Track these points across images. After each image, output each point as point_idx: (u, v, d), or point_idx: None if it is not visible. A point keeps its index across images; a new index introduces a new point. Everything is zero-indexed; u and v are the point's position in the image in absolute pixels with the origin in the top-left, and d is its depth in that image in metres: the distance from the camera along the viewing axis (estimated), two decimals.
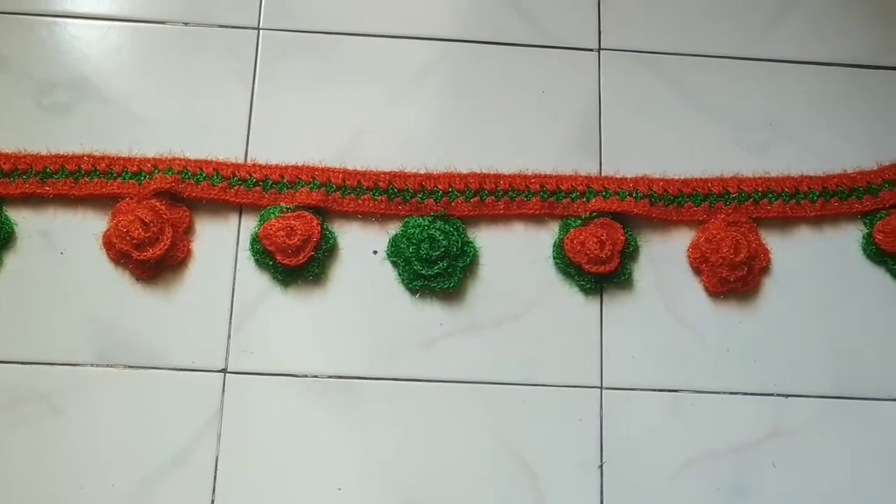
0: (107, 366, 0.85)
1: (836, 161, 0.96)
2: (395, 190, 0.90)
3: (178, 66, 0.94)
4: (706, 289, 0.91)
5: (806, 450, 0.88)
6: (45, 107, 0.92)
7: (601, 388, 0.88)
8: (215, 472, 0.84)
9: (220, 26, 0.95)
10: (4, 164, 0.88)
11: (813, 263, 0.93)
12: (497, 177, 0.92)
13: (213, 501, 0.83)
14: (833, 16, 1.01)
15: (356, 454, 0.85)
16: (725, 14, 1.00)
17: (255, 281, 0.89)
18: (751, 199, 0.93)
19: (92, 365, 0.85)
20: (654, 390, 0.89)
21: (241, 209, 0.90)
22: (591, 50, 0.98)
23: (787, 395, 0.89)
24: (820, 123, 0.98)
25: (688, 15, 1.00)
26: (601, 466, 0.86)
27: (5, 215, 0.88)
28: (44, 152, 0.90)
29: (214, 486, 0.83)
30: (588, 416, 0.88)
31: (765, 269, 0.92)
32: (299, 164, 0.91)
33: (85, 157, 0.89)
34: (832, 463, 0.88)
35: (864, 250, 0.94)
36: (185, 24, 0.95)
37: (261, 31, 0.96)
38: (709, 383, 0.89)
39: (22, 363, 0.85)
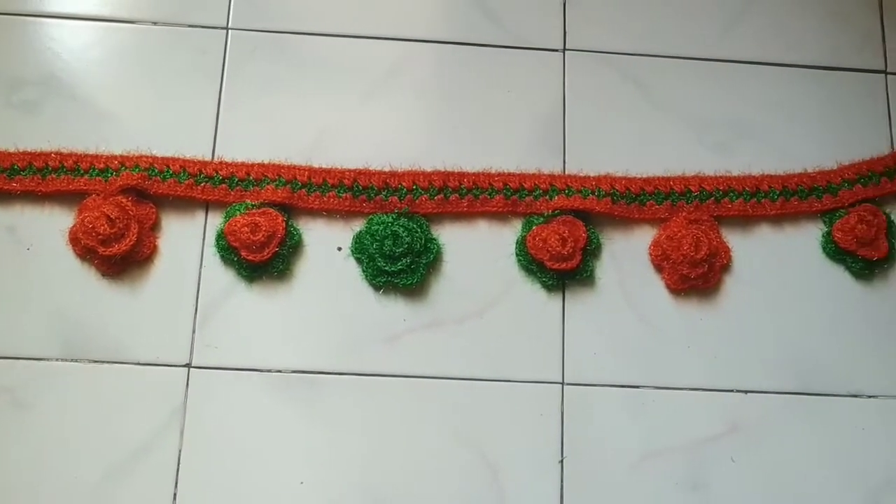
0: (72, 360, 0.86)
1: (796, 160, 0.97)
2: (360, 187, 0.92)
3: (146, 65, 0.95)
4: (667, 286, 0.93)
5: (764, 445, 0.89)
6: (14, 104, 0.93)
7: (563, 384, 0.89)
8: (178, 466, 0.84)
9: (190, 26, 0.97)
10: None
11: (773, 261, 0.95)
12: (461, 175, 0.93)
13: (175, 495, 0.84)
14: (792, 19, 1.03)
15: (319, 448, 0.86)
16: (688, 16, 1.02)
17: (221, 277, 0.90)
18: (712, 198, 0.94)
19: (57, 359, 0.86)
20: (615, 386, 0.90)
21: (207, 206, 0.91)
22: (557, 50, 0.99)
23: (746, 392, 0.90)
24: (781, 123, 0.99)
25: (651, 17, 1.02)
26: (562, 461, 0.87)
27: None
28: (12, 149, 0.91)
29: (177, 480, 0.84)
30: (549, 412, 0.89)
31: (725, 267, 0.94)
32: (265, 162, 0.92)
33: (52, 154, 0.90)
34: (790, 458, 0.89)
35: (824, 248, 0.95)
36: (155, 23, 0.96)
37: (230, 31, 0.97)
38: (669, 379, 0.90)
39: None
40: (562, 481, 0.87)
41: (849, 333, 0.93)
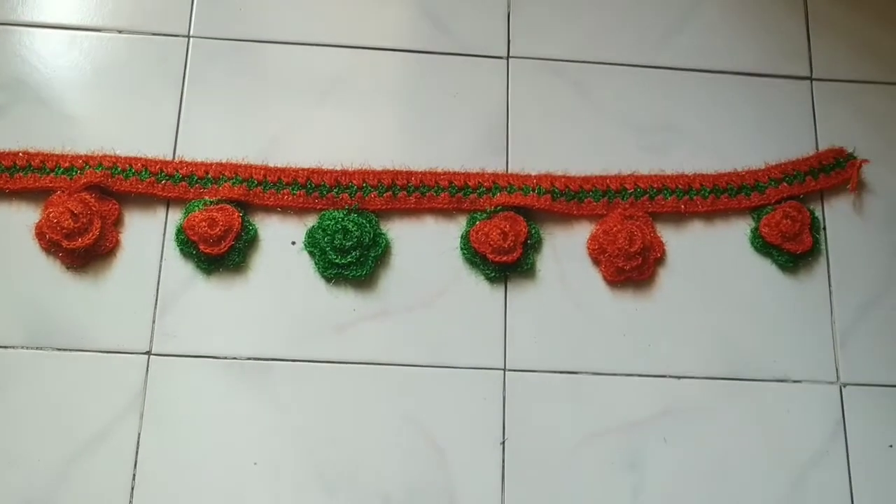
0: (36, 348, 0.90)
1: (727, 161, 1.03)
2: (313, 185, 0.96)
3: (111, 71, 1.00)
4: (604, 278, 0.98)
5: (695, 427, 0.94)
6: (8, 115, 0.97)
7: (504, 369, 0.94)
8: (137, 448, 0.88)
9: (153, 34, 1.01)
10: None
11: (704, 255, 1.00)
12: (409, 173, 0.98)
13: (134, 475, 0.88)
14: (724, 29, 1.08)
15: (272, 431, 0.90)
16: (627, 26, 1.07)
17: (180, 269, 0.94)
18: (647, 195, 1.00)
19: (22, 347, 0.90)
20: (554, 372, 0.94)
21: (168, 203, 0.96)
22: (501, 58, 1.05)
23: (678, 377, 0.95)
24: (713, 126, 1.04)
25: (592, 26, 1.07)
26: (503, 443, 0.92)
27: None
28: None
29: (136, 461, 0.88)
30: (492, 396, 0.93)
31: (659, 260, 0.99)
32: (223, 162, 0.97)
33: (20, 154, 0.95)
34: (719, 438, 0.94)
35: (752, 243, 1.00)
36: (119, 31, 1.01)
37: (191, 39, 1.02)
38: (605, 366, 0.95)
39: None
40: (503, 461, 0.91)
41: (775, 322, 0.98)
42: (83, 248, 0.92)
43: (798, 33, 1.09)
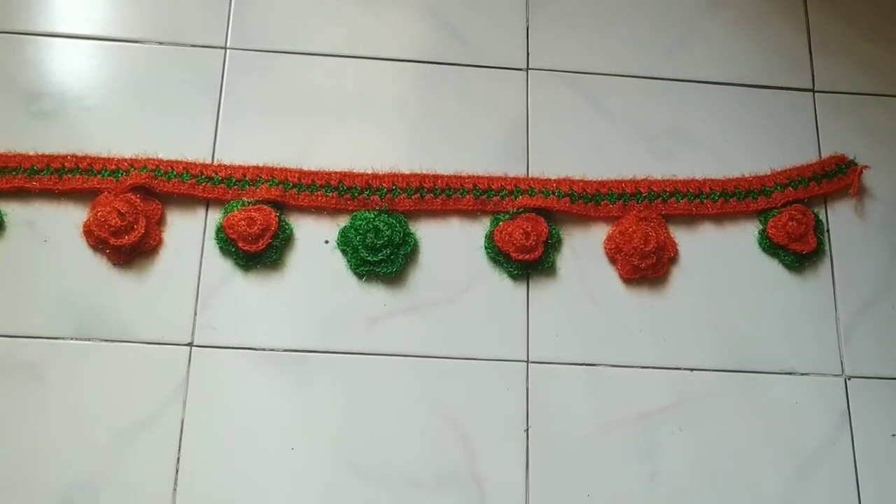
0: (85, 339, 0.95)
1: (735, 168, 1.08)
2: (345, 187, 1.02)
3: (153, 80, 1.05)
4: (621, 276, 1.03)
5: (708, 417, 0.99)
6: (33, 113, 1.02)
7: (527, 361, 0.99)
8: (181, 434, 0.93)
9: (192, 45, 1.07)
10: None
11: (715, 255, 1.05)
12: (435, 177, 1.04)
13: (178, 459, 0.92)
14: (730, 43, 1.14)
15: (307, 418, 0.95)
16: (638, 40, 1.13)
17: (219, 266, 0.99)
18: (660, 199, 1.05)
19: (71, 338, 0.95)
20: (574, 364, 0.99)
21: (207, 203, 1.01)
22: (521, 70, 1.11)
23: (691, 370, 1.00)
24: (721, 135, 1.10)
25: (605, 40, 1.13)
26: (527, 430, 0.97)
27: None
28: (31, 153, 1.00)
29: (180, 446, 0.93)
30: (515, 387, 0.98)
31: (673, 259, 1.04)
32: (260, 165, 1.02)
33: (69, 157, 1.00)
34: (731, 429, 0.99)
35: (760, 244, 1.06)
36: (160, 43, 1.07)
37: (227, 51, 1.07)
38: (622, 358, 1.00)
39: (8, 336, 0.94)
40: (527, 448, 0.96)
41: (783, 318, 1.03)
42: (129, 246, 0.97)
43: (800, 48, 1.15)
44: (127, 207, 0.97)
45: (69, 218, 0.99)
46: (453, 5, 1.12)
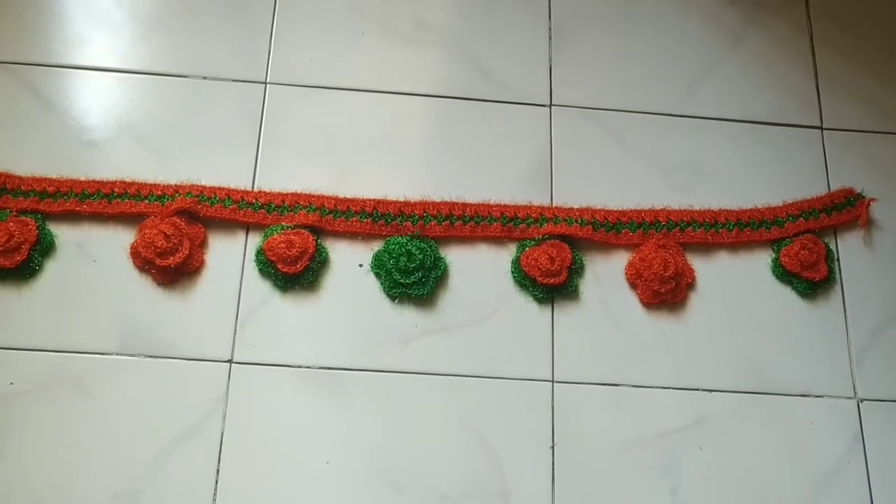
0: (129, 355, 0.99)
1: (747, 200, 1.13)
2: (379, 214, 1.07)
3: (198, 112, 1.11)
4: (641, 300, 1.07)
5: (727, 436, 1.02)
6: (84, 142, 1.08)
7: (552, 381, 1.03)
8: (220, 447, 0.97)
9: (234, 80, 1.13)
10: (49, 186, 1.04)
11: (731, 281, 1.10)
12: (464, 205, 1.09)
13: (218, 472, 0.96)
14: (742, 83, 1.20)
15: (341, 433, 0.99)
16: (656, 79, 1.19)
17: (259, 287, 1.04)
18: (677, 227, 1.10)
19: (117, 354, 0.99)
20: (598, 384, 1.03)
21: (247, 228, 1.06)
22: (544, 105, 1.16)
23: (710, 390, 1.04)
24: (735, 170, 1.15)
25: (625, 79, 1.19)
26: (552, 447, 1.00)
27: (48, 229, 1.03)
28: (82, 178, 1.05)
29: (220, 459, 0.96)
30: (541, 405, 1.02)
31: (690, 285, 1.09)
32: (298, 192, 1.08)
33: (118, 183, 1.05)
34: (749, 448, 1.02)
35: (773, 271, 1.10)
36: (204, 77, 1.13)
37: (267, 85, 1.13)
38: (644, 379, 1.04)
39: (57, 351, 0.98)
40: (553, 464, 1.00)
41: (797, 343, 1.07)
42: (173, 266, 1.01)
43: (808, 87, 1.21)
44: (172, 230, 1.02)
45: (117, 240, 1.04)
46: (481, 46, 1.18)
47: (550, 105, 1.16)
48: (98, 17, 1.15)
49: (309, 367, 1.01)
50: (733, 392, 1.05)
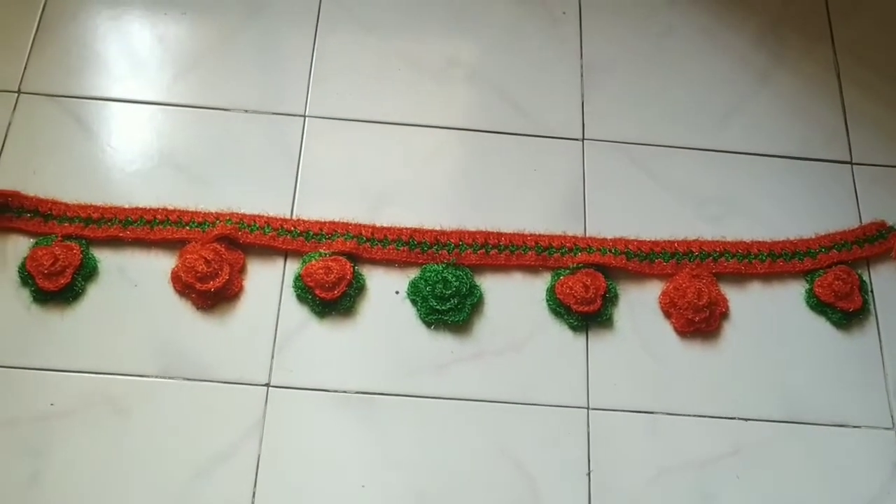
0: (169, 378, 1.00)
1: (780, 233, 1.14)
2: (415, 242, 1.08)
3: (239, 143, 1.13)
4: (675, 329, 1.08)
5: (763, 465, 1.02)
6: (128, 172, 1.11)
7: (588, 408, 1.03)
8: (257, 469, 0.97)
9: (274, 113, 1.16)
10: (93, 213, 1.06)
11: (764, 311, 1.10)
12: (499, 234, 1.10)
13: (254, 494, 0.96)
14: (770, 118, 1.22)
15: (377, 457, 0.99)
16: (686, 114, 1.21)
17: (296, 313, 1.05)
18: (710, 258, 1.11)
19: (156, 377, 1.00)
20: (633, 411, 1.03)
21: (286, 255, 1.07)
22: (577, 140, 1.18)
23: (745, 419, 1.04)
24: (766, 203, 1.16)
25: (656, 114, 1.21)
26: (589, 474, 1.00)
27: (92, 254, 1.05)
28: (125, 206, 1.08)
29: (256, 481, 0.96)
30: (577, 432, 1.02)
31: (724, 315, 1.09)
32: (335, 220, 1.09)
33: (160, 210, 1.08)
34: (785, 476, 1.02)
35: (807, 302, 1.11)
36: (246, 111, 1.16)
37: (306, 118, 1.16)
38: (679, 407, 1.04)
39: (97, 373, 0.99)
40: (589, 491, 0.99)
41: (833, 373, 1.07)
42: (213, 291, 1.03)
43: (837, 123, 1.22)
44: (213, 255, 1.04)
45: (158, 265, 1.06)
46: (513, 82, 1.21)
47: (583, 139, 1.18)
48: (142, 53, 1.19)
49: (345, 392, 1.01)
50: (770, 421, 1.04)
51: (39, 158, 1.10)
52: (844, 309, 1.09)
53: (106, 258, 1.06)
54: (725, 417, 1.04)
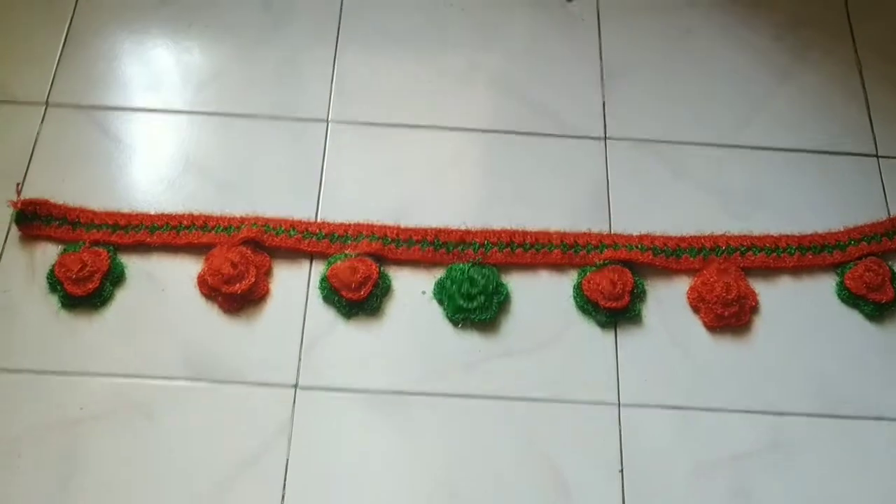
0: (196, 380, 1.00)
1: (808, 226, 1.13)
2: (440, 242, 1.08)
3: (264, 148, 1.14)
4: (704, 324, 1.06)
5: (800, 460, 1.00)
6: (154, 179, 1.12)
7: (619, 404, 1.02)
8: (286, 471, 0.96)
9: (298, 119, 1.17)
10: (121, 220, 1.07)
11: (795, 305, 1.08)
12: (525, 233, 1.10)
13: (283, 496, 0.95)
14: (795, 113, 1.21)
15: (406, 456, 0.98)
16: (708, 111, 1.21)
17: (323, 314, 1.05)
18: (738, 252, 1.10)
19: (184, 379, 1.00)
20: (664, 407, 1.02)
21: (311, 257, 1.08)
22: (599, 139, 1.18)
23: (781, 414, 1.02)
24: (793, 198, 1.15)
25: (677, 112, 1.21)
26: (621, 471, 0.99)
27: (119, 259, 1.06)
28: (152, 212, 1.09)
29: (285, 483, 0.96)
30: (608, 428, 1.01)
31: (754, 309, 1.07)
32: (360, 222, 1.09)
33: (186, 216, 1.08)
34: (822, 471, 1.00)
35: (838, 294, 1.09)
36: (271, 117, 1.17)
37: (329, 123, 1.17)
38: (711, 402, 1.02)
39: (126, 377, 1.00)
40: (623, 488, 0.98)
41: (868, 366, 1.05)
42: (239, 293, 1.03)
43: (861, 118, 1.22)
44: (239, 258, 1.04)
45: (185, 269, 1.06)
46: (536, 84, 1.22)
47: (605, 138, 1.18)
48: (166, 64, 1.20)
49: (374, 392, 1.01)
50: (805, 415, 1.02)
51: (67, 168, 1.12)
52: (877, 301, 1.08)
53: (133, 263, 1.06)
54: (760, 412, 1.02)
